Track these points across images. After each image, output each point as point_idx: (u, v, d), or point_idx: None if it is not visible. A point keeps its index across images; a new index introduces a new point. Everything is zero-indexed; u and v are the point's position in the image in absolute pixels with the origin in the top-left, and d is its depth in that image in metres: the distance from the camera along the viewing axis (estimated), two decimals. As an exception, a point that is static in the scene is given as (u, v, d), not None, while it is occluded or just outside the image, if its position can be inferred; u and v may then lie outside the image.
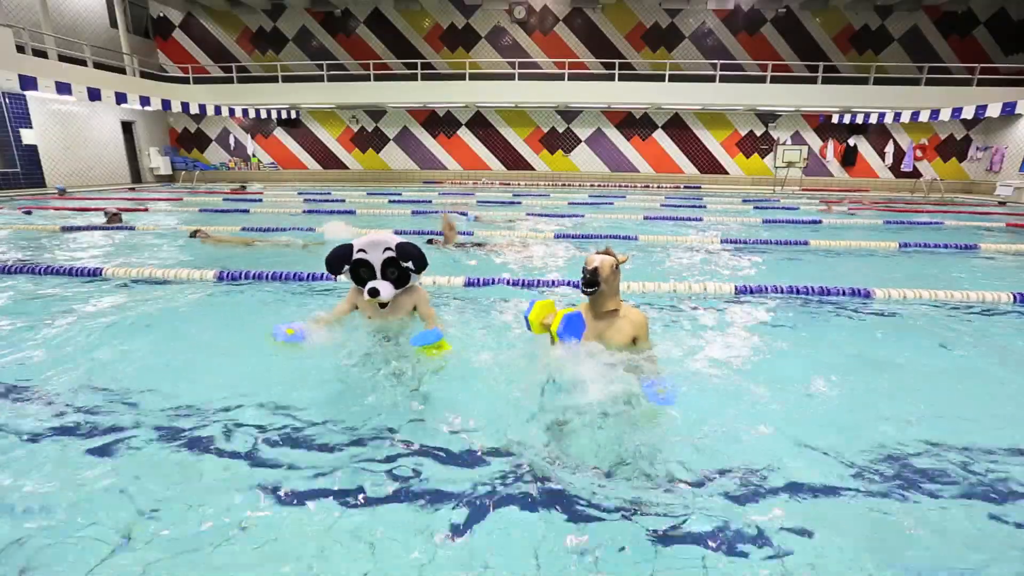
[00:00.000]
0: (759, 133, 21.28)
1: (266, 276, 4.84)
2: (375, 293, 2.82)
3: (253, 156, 22.64)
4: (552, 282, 4.71)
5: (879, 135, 20.80)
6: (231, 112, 19.58)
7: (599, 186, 20.34)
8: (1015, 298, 4.34)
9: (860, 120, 19.25)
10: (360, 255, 2.85)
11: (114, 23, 19.29)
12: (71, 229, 7.96)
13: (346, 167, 22.89)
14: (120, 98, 14.62)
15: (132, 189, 17.51)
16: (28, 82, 12.46)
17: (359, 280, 2.92)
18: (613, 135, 21.79)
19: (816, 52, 20.41)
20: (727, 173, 21.72)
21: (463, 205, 11.75)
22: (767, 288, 4.56)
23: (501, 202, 12.84)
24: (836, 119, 20.05)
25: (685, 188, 20.10)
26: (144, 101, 15.59)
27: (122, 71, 18.29)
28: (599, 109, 21.17)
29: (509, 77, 19.94)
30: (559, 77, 20.01)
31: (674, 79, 19.39)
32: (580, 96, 19.70)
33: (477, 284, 4.63)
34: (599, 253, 2.62)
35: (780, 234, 8.24)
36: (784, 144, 20.27)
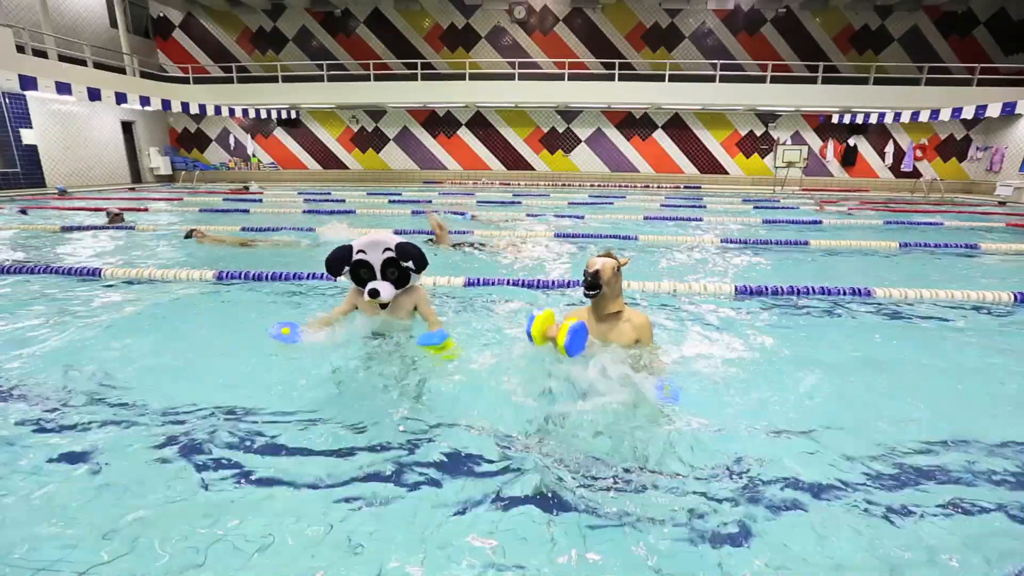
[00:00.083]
0: (759, 133, 21.28)
1: (266, 276, 4.84)
2: (375, 294, 2.80)
3: (253, 156, 22.64)
4: (552, 282, 4.70)
5: (879, 135, 20.80)
6: (231, 112, 19.58)
7: (599, 186, 20.33)
8: (1016, 297, 4.33)
9: (860, 120, 19.25)
10: (360, 256, 2.83)
11: (114, 23, 19.29)
12: (71, 229, 7.96)
13: (346, 167, 22.89)
14: (120, 98, 14.62)
15: (132, 189, 17.50)
16: (28, 82, 12.46)
17: (359, 281, 2.90)
18: (613, 135, 21.79)
19: (816, 52, 20.41)
20: (727, 173, 21.71)
21: (460, 205, 11.74)
22: (767, 288, 4.56)
23: (501, 202, 12.83)
24: (836, 119, 20.05)
25: (685, 188, 20.09)
26: (144, 101, 15.59)
27: (122, 71, 18.29)
28: (599, 109, 21.16)
29: (509, 77, 19.94)
30: (559, 77, 20.01)
31: (674, 79, 19.39)
32: (580, 96, 19.70)
33: (477, 284, 4.62)
34: (600, 256, 2.60)
35: (780, 234, 8.23)
36: (784, 144, 20.26)
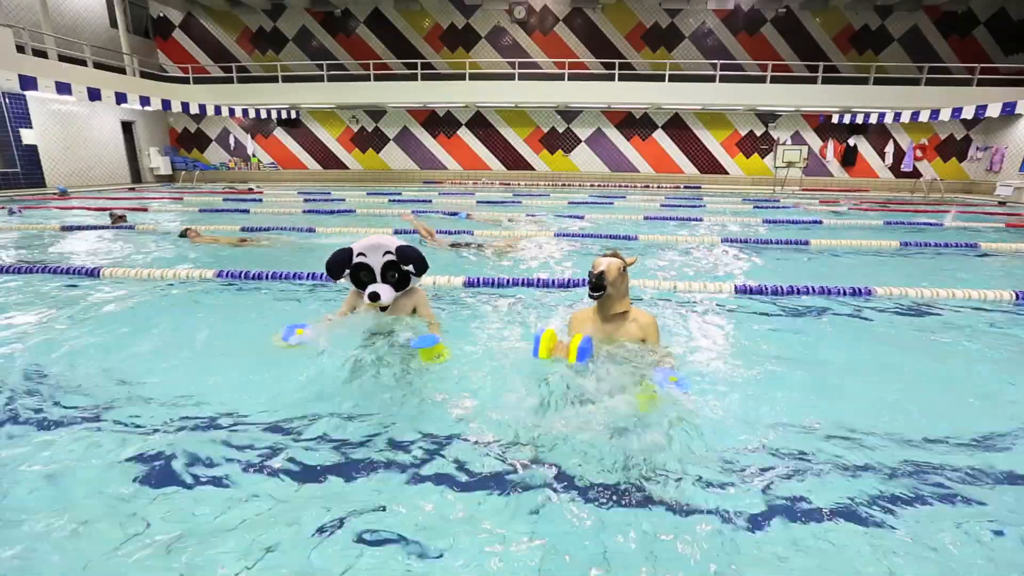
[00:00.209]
0: (759, 133, 21.28)
1: (266, 276, 4.84)
2: (376, 297, 2.78)
3: (253, 156, 22.64)
4: (552, 281, 4.70)
5: (879, 135, 20.80)
6: (231, 112, 19.58)
7: (599, 186, 20.33)
8: (1016, 296, 4.33)
9: (860, 120, 19.25)
10: (360, 259, 2.81)
11: (114, 23, 19.29)
12: (71, 229, 7.96)
13: (346, 167, 22.89)
14: (120, 98, 14.63)
15: (132, 189, 17.51)
16: (28, 82, 12.46)
17: (359, 283, 2.88)
18: (613, 135, 21.79)
19: (816, 52, 20.41)
20: (727, 173, 21.72)
21: (460, 205, 11.74)
22: (767, 288, 4.55)
23: (501, 202, 12.83)
24: (836, 119, 20.05)
25: (685, 188, 20.09)
26: (144, 101, 15.59)
27: (122, 71, 18.30)
28: (599, 109, 21.16)
29: (509, 77, 19.94)
30: (559, 77, 20.02)
31: (674, 79, 19.39)
32: (580, 96, 19.70)
33: (477, 284, 4.62)
34: (606, 256, 2.58)
35: (780, 234, 8.23)
36: (784, 144, 20.26)
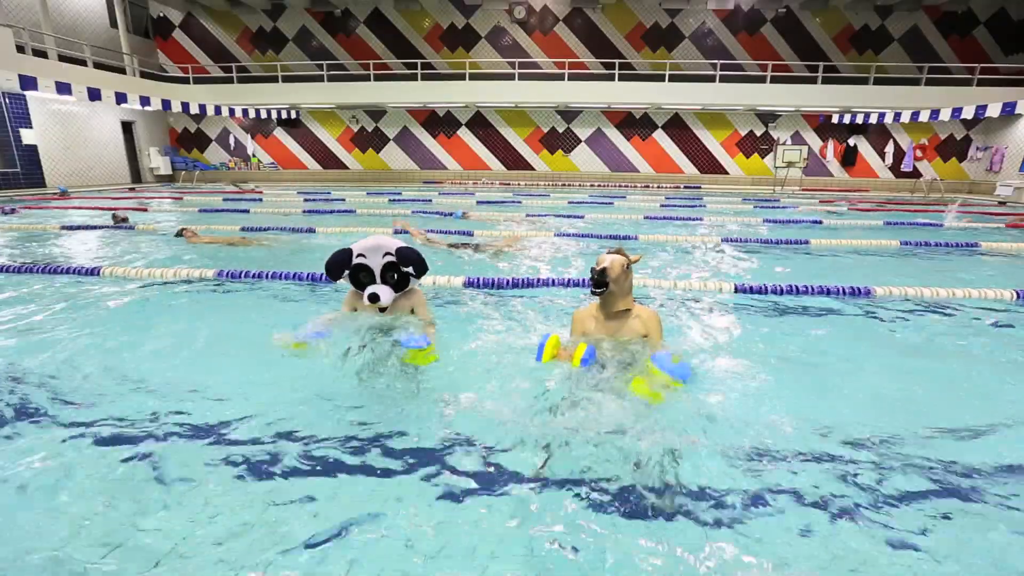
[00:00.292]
0: (759, 133, 21.28)
1: (266, 275, 4.84)
2: (375, 299, 2.78)
3: (253, 156, 22.64)
4: (552, 281, 4.71)
5: (879, 135, 20.79)
6: (231, 112, 19.58)
7: (599, 186, 20.33)
8: (1017, 295, 4.33)
9: (860, 120, 19.24)
10: (360, 260, 2.81)
11: (114, 23, 19.29)
12: (71, 228, 7.96)
13: (346, 167, 22.89)
14: (120, 98, 14.63)
15: (132, 189, 17.50)
16: (28, 82, 12.46)
17: (359, 284, 2.88)
18: (613, 135, 21.79)
19: (816, 52, 20.41)
20: (727, 173, 21.72)
21: (459, 205, 11.73)
22: (767, 287, 4.56)
23: (501, 202, 12.83)
24: (836, 119, 20.04)
25: (685, 188, 20.09)
26: (144, 101, 15.59)
27: (122, 71, 18.29)
28: (599, 109, 21.16)
29: (509, 77, 19.94)
30: (559, 77, 20.01)
31: (674, 79, 19.39)
32: (580, 96, 19.70)
33: (477, 284, 4.63)
34: (610, 253, 2.57)
35: (780, 233, 8.23)
36: (784, 144, 20.26)
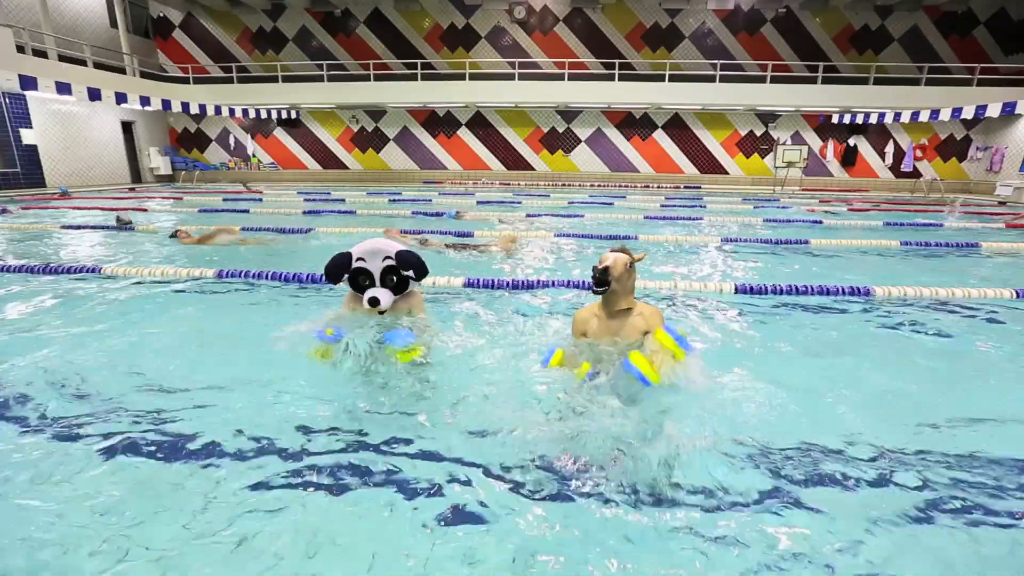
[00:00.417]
0: (759, 133, 21.28)
1: (266, 275, 4.83)
2: (375, 302, 2.78)
3: (253, 156, 22.64)
4: (552, 282, 4.70)
5: (879, 135, 20.79)
6: (231, 112, 19.58)
7: (599, 186, 20.33)
8: (1017, 294, 4.34)
9: (860, 120, 19.25)
10: (359, 263, 2.80)
11: (114, 23, 19.29)
12: (71, 228, 7.96)
13: (346, 167, 22.89)
14: (120, 98, 14.63)
15: (132, 189, 17.50)
16: (28, 82, 12.46)
17: (358, 287, 2.88)
18: (613, 135, 21.79)
19: (816, 52, 20.41)
20: (727, 173, 21.72)
21: (459, 206, 11.73)
22: (767, 287, 4.56)
23: (500, 202, 12.83)
24: (836, 119, 20.04)
25: (685, 188, 20.10)
26: (144, 101, 15.59)
27: (122, 71, 18.29)
28: (599, 109, 21.16)
29: (509, 77, 19.94)
30: (559, 77, 20.01)
31: (674, 79, 19.39)
32: (580, 96, 19.70)
33: (477, 285, 4.62)
34: (614, 251, 2.55)
35: (780, 233, 8.23)
36: (784, 144, 20.25)
